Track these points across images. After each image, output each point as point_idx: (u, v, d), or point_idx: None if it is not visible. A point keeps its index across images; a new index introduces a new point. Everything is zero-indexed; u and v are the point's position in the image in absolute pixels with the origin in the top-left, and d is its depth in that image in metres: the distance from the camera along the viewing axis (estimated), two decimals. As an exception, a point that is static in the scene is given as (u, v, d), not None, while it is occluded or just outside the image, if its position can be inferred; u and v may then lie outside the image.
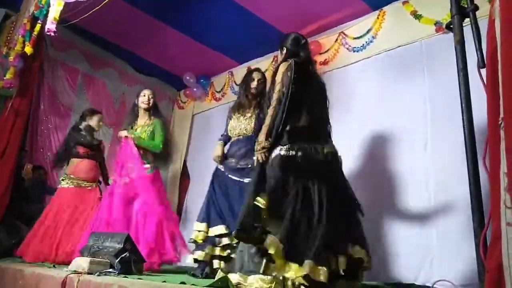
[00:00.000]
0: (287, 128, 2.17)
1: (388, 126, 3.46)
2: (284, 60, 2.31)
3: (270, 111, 2.15)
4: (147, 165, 3.48)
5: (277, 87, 2.17)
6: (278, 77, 2.21)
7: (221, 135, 3.28)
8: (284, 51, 2.40)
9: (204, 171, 5.13)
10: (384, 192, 3.33)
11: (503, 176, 1.13)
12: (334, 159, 2.25)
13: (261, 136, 2.14)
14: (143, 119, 3.63)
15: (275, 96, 2.16)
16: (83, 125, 3.91)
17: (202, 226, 2.94)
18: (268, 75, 4.33)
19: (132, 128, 3.60)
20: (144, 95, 3.62)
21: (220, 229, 2.87)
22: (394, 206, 3.26)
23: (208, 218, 2.96)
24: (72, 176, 3.79)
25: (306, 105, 2.22)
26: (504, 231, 1.10)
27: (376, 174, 3.40)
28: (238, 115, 3.14)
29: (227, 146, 3.24)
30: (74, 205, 3.68)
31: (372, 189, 3.35)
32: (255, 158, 2.16)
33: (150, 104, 3.62)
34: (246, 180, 2.89)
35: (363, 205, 2.27)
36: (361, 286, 2.23)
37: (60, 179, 3.87)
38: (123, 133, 3.50)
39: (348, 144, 3.33)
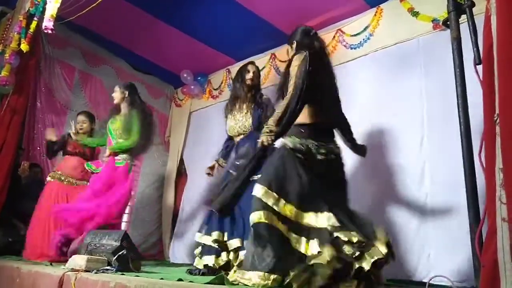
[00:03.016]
0: (299, 121, 2.16)
1: (385, 122, 3.47)
2: (297, 52, 2.27)
3: (284, 101, 2.12)
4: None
5: (292, 79, 2.14)
6: (293, 71, 2.17)
7: (220, 150, 3.27)
8: (294, 44, 2.38)
9: (201, 169, 5.12)
10: (380, 188, 3.34)
11: (499, 172, 1.13)
12: (338, 159, 2.27)
13: (271, 120, 2.11)
14: (122, 111, 3.82)
15: (290, 88, 2.13)
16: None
17: (216, 234, 2.87)
18: (266, 72, 4.35)
19: (113, 118, 3.81)
20: (114, 91, 3.88)
21: (238, 242, 2.79)
22: (390, 201, 3.28)
23: (221, 226, 2.89)
24: (59, 172, 3.87)
25: (319, 100, 2.21)
26: (500, 227, 1.11)
27: (373, 169, 3.41)
28: (234, 113, 3.14)
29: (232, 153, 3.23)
30: (62, 199, 3.72)
31: (369, 184, 3.37)
32: (259, 140, 2.12)
33: (118, 98, 3.81)
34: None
35: (359, 200, 2.29)
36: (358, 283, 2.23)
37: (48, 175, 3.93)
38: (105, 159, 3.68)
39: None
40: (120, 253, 2.47)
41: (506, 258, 1.08)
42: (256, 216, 1.97)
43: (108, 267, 2.40)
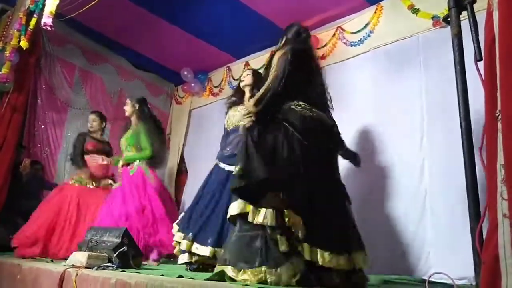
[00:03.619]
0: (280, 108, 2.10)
1: (385, 119, 3.47)
2: (281, 48, 2.26)
3: (265, 84, 2.09)
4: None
5: (273, 68, 2.12)
6: (274, 61, 2.16)
7: (218, 153, 3.24)
8: (284, 40, 2.37)
9: (202, 166, 5.13)
10: (380, 185, 3.34)
11: (500, 168, 1.13)
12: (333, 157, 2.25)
13: (251, 101, 2.08)
14: (134, 123, 3.89)
15: (271, 75, 2.10)
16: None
17: (190, 237, 2.85)
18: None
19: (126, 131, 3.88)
20: (126, 104, 3.93)
21: (208, 251, 2.76)
22: (390, 198, 3.28)
23: (196, 229, 2.87)
24: (82, 176, 3.93)
25: (301, 92, 2.15)
26: (501, 223, 1.11)
27: (373, 167, 3.41)
28: (235, 107, 3.17)
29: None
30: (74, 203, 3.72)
31: (369, 182, 3.37)
32: (241, 122, 2.09)
33: (129, 111, 3.86)
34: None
35: (359, 197, 2.28)
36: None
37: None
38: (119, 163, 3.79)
39: (345, 137, 3.33)
40: (121, 250, 2.47)
41: (507, 254, 1.07)
42: (237, 207, 1.95)
43: (109, 264, 2.40)
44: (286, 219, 1.84)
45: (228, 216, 2.05)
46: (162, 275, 2.03)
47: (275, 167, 1.92)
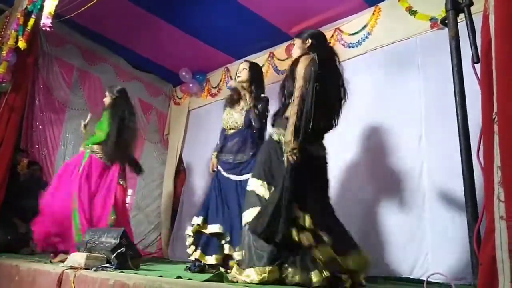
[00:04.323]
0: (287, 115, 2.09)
1: (383, 121, 3.48)
2: (305, 53, 2.20)
3: (293, 109, 2.01)
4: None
5: (299, 82, 2.04)
6: (300, 72, 2.07)
7: (217, 144, 3.22)
8: (308, 43, 2.28)
9: (200, 166, 5.15)
10: (378, 186, 3.35)
11: (497, 170, 1.14)
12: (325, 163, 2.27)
13: (288, 136, 1.98)
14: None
15: (296, 93, 2.03)
16: None
17: (199, 220, 2.93)
18: (265, 71, 4.34)
19: None
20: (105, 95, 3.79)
21: (217, 228, 2.84)
22: (388, 200, 3.29)
23: (206, 213, 2.95)
24: None
25: (322, 105, 2.10)
26: (498, 225, 1.12)
27: (371, 168, 3.42)
28: (233, 107, 3.11)
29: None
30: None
31: (367, 183, 3.38)
32: (284, 158, 2.01)
33: (107, 104, 3.73)
34: (245, 177, 2.79)
35: (357, 198, 2.29)
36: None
37: None
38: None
39: (343, 138, 3.35)
40: (119, 250, 2.47)
41: (504, 256, 1.08)
42: (253, 213, 1.98)
43: (107, 265, 2.40)
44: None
45: (244, 223, 2.10)
46: (161, 276, 2.03)
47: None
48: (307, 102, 2.00)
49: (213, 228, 2.85)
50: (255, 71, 3.08)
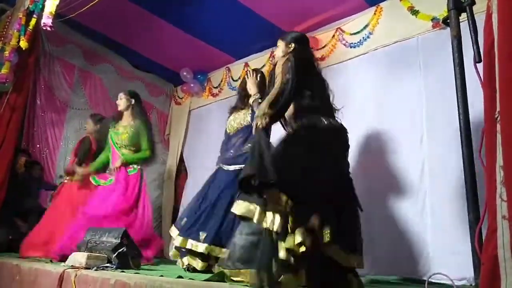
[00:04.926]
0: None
1: (385, 121, 3.47)
2: (284, 55, 2.24)
3: (278, 84, 2.01)
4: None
5: (279, 76, 2.06)
6: (278, 69, 2.10)
7: (218, 157, 3.19)
8: (291, 48, 2.29)
9: (201, 166, 5.14)
10: (380, 186, 3.35)
11: (499, 169, 1.14)
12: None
13: (265, 103, 1.98)
14: (126, 120, 3.71)
15: (278, 80, 2.05)
16: None
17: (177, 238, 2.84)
18: (266, 71, 4.33)
19: (114, 127, 3.68)
20: (119, 98, 3.73)
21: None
22: (390, 200, 3.29)
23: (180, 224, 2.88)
24: None
25: (307, 92, 2.12)
26: (500, 224, 1.11)
27: (372, 168, 3.42)
28: (234, 114, 3.13)
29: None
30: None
31: (368, 183, 3.36)
32: (254, 123, 1.98)
33: (123, 106, 3.69)
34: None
35: (359, 199, 2.28)
36: (358, 281, 2.24)
37: None
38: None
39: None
40: (120, 250, 2.47)
41: (506, 255, 1.08)
42: (243, 207, 1.96)
43: (108, 265, 2.40)
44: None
45: (235, 213, 2.05)
46: (162, 275, 2.03)
47: (286, 169, 1.87)
48: (291, 79, 1.99)
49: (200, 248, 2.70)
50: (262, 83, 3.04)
